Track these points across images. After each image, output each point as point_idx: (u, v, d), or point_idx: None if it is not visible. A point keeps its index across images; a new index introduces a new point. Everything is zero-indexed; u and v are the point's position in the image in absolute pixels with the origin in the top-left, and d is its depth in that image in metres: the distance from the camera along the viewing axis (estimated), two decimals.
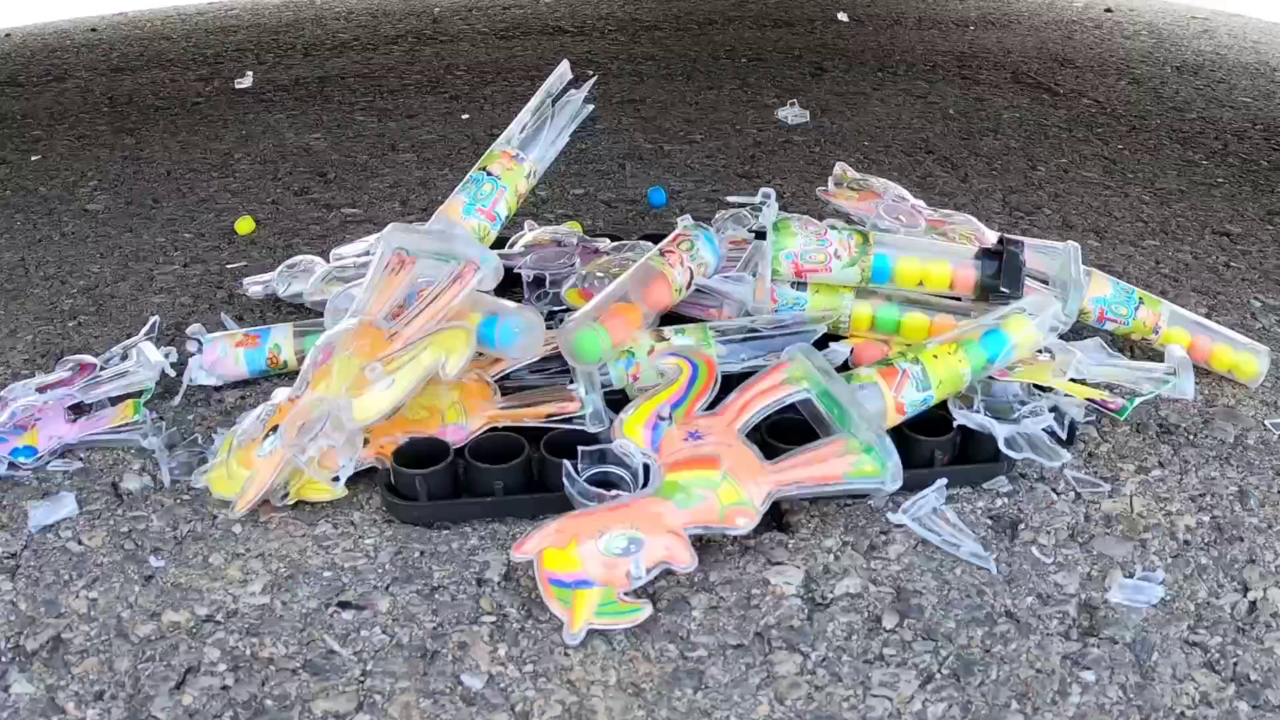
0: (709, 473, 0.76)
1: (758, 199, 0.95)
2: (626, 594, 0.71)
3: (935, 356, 0.85)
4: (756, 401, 0.81)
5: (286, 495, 0.81)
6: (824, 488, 0.77)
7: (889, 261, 0.93)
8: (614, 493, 0.77)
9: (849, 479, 0.77)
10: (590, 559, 0.72)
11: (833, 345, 0.90)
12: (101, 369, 0.96)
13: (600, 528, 0.73)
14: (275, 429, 0.79)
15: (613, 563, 0.72)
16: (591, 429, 0.83)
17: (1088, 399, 0.88)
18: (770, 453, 0.79)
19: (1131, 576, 0.76)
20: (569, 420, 0.84)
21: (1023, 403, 0.86)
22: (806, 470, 0.77)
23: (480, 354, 0.87)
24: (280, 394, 0.84)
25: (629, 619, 0.70)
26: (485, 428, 0.85)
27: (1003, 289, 0.91)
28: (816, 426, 0.82)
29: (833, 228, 0.94)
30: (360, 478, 0.84)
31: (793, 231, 0.92)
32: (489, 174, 0.99)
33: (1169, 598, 0.74)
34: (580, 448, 0.79)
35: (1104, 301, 0.99)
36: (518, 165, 0.99)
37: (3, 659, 0.70)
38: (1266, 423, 0.94)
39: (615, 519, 0.73)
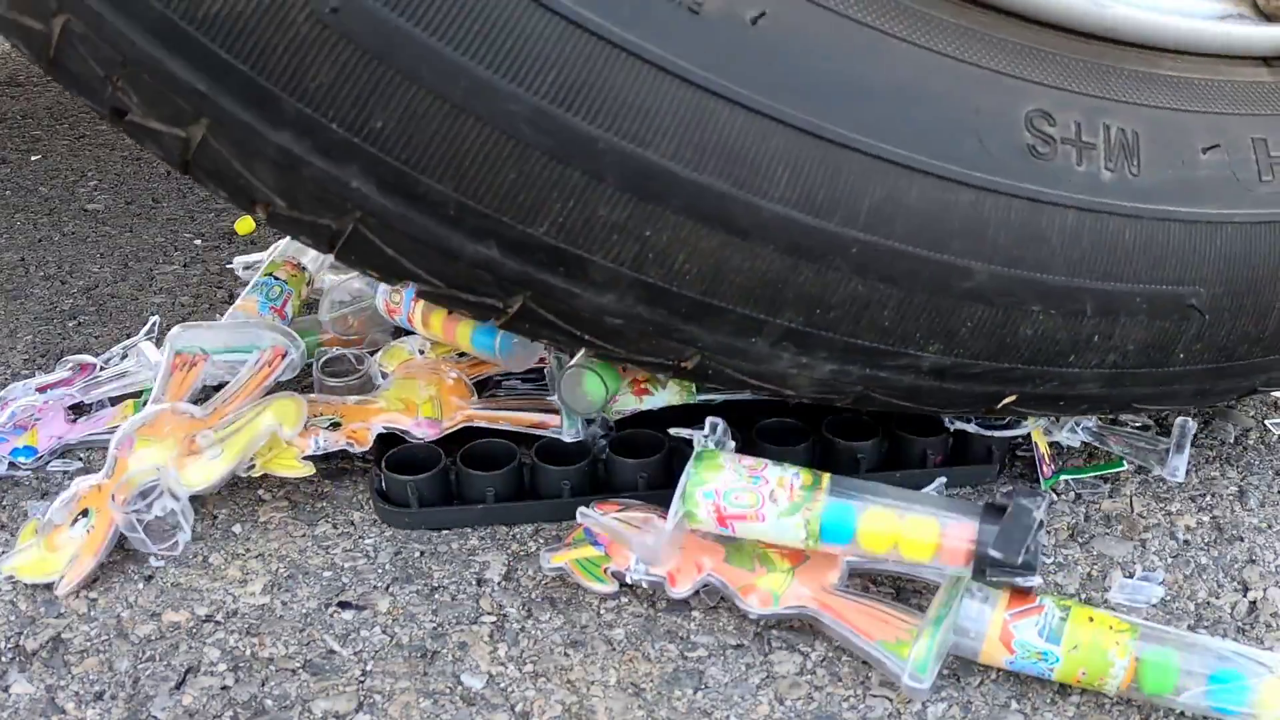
0: (783, 562, 0.72)
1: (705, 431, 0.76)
2: (613, 572, 0.72)
3: (1090, 619, 0.65)
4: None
5: (253, 467, 0.80)
6: (851, 637, 0.68)
7: (853, 516, 0.68)
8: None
9: (878, 644, 0.68)
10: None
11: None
12: (101, 369, 0.96)
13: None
14: (85, 513, 0.76)
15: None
16: (566, 439, 0.82)
17: (1038, 443, 0.84)
18: (766, 453, 0.79)
19: (1131, 576, 0.76)
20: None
21: None
22: (855, 615, 0.69)
23: (462, 354, 0.87)
24: (83, 481, 0.78)
25: (597, 586, 0.73)
26: (459, 425, 0.84)
27: (998, 557, 0.65)
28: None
29: (777, 463, 0.71)
30: (360, 478, 0.84)
31: (720, 464, 0.71)
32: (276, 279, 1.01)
33: (1169, 598, 0.74)
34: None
35: None
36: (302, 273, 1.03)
37: (3, 659, 0.70)
38: (1266, 423, 0.94)
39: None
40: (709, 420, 0.73)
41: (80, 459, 0.89)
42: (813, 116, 0.61)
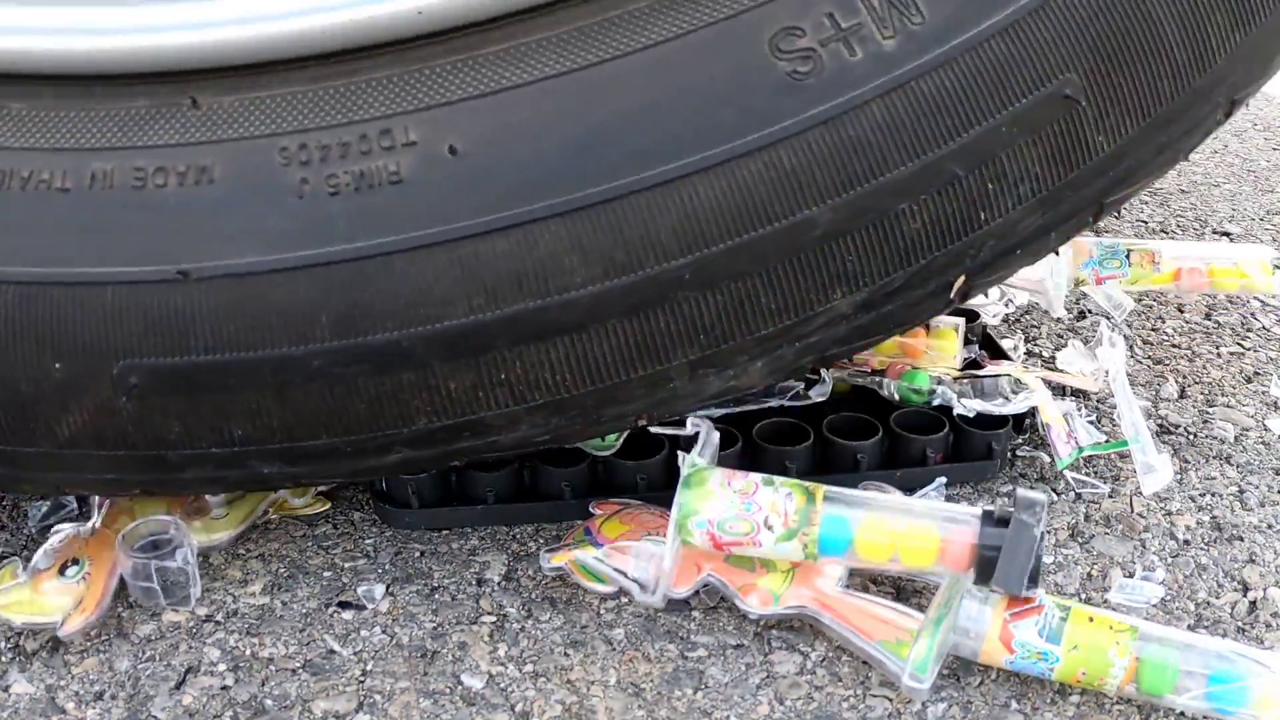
0: (784, 562, 0.71)
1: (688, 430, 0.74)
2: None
3: (1090, 619, 0.65)
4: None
5: (268, 513, 0.81)
6: (852, 637, 0.70)
7: (849, 528, 0.67)
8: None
9: (878, 644, 0.68)
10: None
11: None
12: None
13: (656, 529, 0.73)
14: (76, 561, 0.74)
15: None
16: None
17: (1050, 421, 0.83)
18: (766, 453, 0.79)
19: (1131, 576, 0.76)
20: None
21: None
22: (855, 615, 0.69)
23: None
24: (68, 529, 0.75)
25: (597, 586, 0.73)
26: None
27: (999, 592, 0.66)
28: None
29: (767, 482, 0.69)
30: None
31: (710, 490, 0.68)
32: None
33: (1169, 597, 0.75)
34: None
35: (1093, 263, 0.96)
36: None
37: (3, 659, 0.70)
38: (1266, 423, 0.94)
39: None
40: (690, 421, 0.72)
41: None
42: (546, 199, 0.59)
